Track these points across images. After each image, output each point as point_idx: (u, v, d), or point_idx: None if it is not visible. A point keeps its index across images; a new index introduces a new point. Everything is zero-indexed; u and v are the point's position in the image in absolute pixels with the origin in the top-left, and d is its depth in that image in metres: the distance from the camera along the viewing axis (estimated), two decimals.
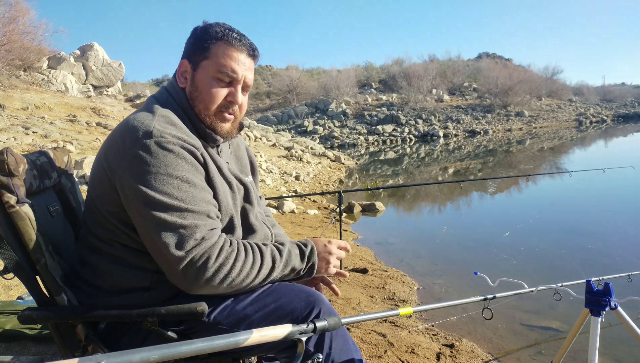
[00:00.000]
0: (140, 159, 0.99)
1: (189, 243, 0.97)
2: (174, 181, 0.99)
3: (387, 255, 4.51)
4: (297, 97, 32.14)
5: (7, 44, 12.91)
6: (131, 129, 1.03)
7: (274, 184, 8.92)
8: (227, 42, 1.14)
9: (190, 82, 1.16)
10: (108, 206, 1.06)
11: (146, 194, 0.97)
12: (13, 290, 2.77)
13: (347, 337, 1.08)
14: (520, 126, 28.78)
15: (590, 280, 1.38)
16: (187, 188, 1.01)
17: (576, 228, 5.33)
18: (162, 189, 0.98)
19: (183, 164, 1.02)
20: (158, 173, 0.98)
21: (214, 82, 1.14)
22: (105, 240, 1.09)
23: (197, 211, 1.01)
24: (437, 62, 38.39)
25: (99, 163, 1.09)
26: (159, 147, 1.00)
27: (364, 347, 2.34)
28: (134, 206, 0.99)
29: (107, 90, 17.70)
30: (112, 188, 1.04)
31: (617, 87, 52.43)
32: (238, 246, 1.05)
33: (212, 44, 1.14)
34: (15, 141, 7.17)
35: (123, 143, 1.02)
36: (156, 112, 1.08)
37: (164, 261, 0.98)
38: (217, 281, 0.99)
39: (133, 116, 1.08)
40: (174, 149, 1.01)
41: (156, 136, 1.01)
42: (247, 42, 1.17)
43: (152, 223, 0.97)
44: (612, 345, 2.45)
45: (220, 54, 1.13)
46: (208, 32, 1.15)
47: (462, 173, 11.47)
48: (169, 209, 0.98)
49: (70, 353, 1.08)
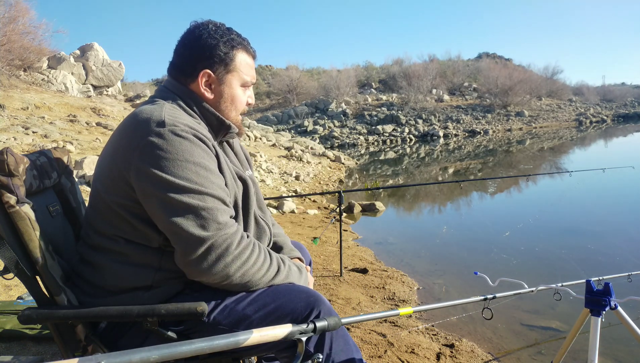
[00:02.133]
0: (155, 146, 0.99)
1: (212, 226, 0.99)
2: (191, 166, 1.01)
3: (387, 255, 4.51)
4: (297, 97, 32.13)
5: (7, 44, 12.91)
6: (142, 120, 1.04)
7: (274, 184, 8.92)
8: (245, 51, 1.21)
9: (218, 94, 1.19)
10: (117, 198, 1.05)
11: (165, 179, 0.98)
12: (13, 290, 2.77)
13: (348, 337, 1.08)
14: (520, 126, 28.78)
15: (590, 280, 1.38)
16: (205, 173, 1.03)
17: (576, 228, 5.33)
18: (180, 174, 0.99)
19: (198, 151, 1.03)
20: (176, 159, 0.99)
21: (240, 91, 1.23)
22: (109, 236, 1.09)
23: (216, 196, 1.03)
24: (437, 62, 38.37)
25: (108, 156, 1.09)
26: (173, 134, 1.01)
27: (364, 347, 2.34)
28: (152, 192, 0.99)
29: (107, 90, 17.69)
30: (123, 180, 1.03)
31: (617, 87, 52.39)
32: (253, 240, 1.10)
33: (234, 55, 1.18)
34: (15, 141, 7.17)
35: (134, 133, 1.03)
36: (163, 106, 1.09)
37: (183, 244, 0.99)
38: (234, 268, 1.02)
39: (140, 109, 1.09)
40: (188, 136, 1.02)
41: (169, 124, 1.02)
42: (252, 47, 1.25)
43: (172, 207, 0.98)
44: (612, 345, 2.45)
45: (244, 65, 1.21)
46: (228, 41, 1.17)
47: (462, 173, 11.47)
48: (190, 192, 0.99)
49: (70, 353, 1.08)
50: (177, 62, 1.20)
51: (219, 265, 1.00)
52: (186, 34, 1.19)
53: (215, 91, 1.19)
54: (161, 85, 1.24)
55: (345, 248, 4.25)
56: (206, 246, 0.98)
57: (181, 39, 1.19)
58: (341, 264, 3.61)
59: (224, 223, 1.02)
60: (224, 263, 1.00)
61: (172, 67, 1.21)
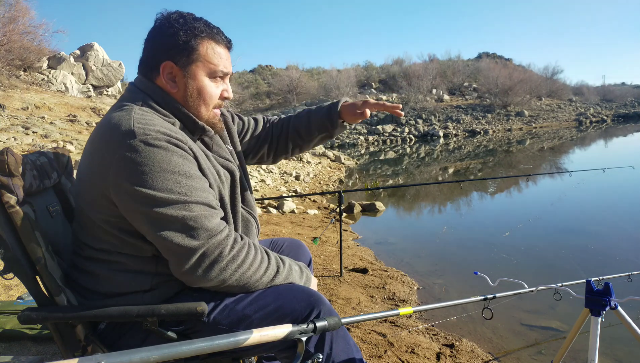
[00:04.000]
0: (129, 160, 0.95)
1: (202, 234, 0.98)
2: (170, 176, 0.97)
3: (387, 254, 4.51)
4: (297, 97, 32.11)
5: (7, 44, 12.91)
6: (111, 133, 0.98)
7: (274, 184, 8.92)
8: (211, 39, 1.12)
9: (183, 87, 1.11)
10: (102, 215, 1.03)
11: (145, 194, 0.95)
12: (13, 290, 2.77)
13: (348, 337, 1.08)
14: (520, 125, 28.77)
15: (590, 280, 1.37)
16: (185, 180, 0.99)
17: (576, 228, 5.33)
18: (160, 186, 0.95)
19: (175, 158, 0.99)
20: (152, 171, 0.95)
21: (209, 84, 1.13)
22: (100, 249, 1.07)
23: (201, 202, 1.00)
24: (437, 62, 38.34)
25: (85, 172, 1.05)
26: (145, 145, 0.95)
27: (364, 346, 2.34)
28: (134, 208, 0.97)
29: (107, 90, 17.69)
30: (104, 197, 0.99)
31: (617, 87, 52.37)
32: (248, 241, 1.08)
33: (197, 43, 1.09)
34: (15, 141, 7.17)
35: (107, 148, 0.98)
36: (131, 112, 1.02)
37: (175, 256, 0.98)
38: (229, 272, 1.01)
39: (108, 119, 1.04)
40: (161, 144, 0.97)
41: (140, 134, 0.96)
42: (223, 35, 1.16)
43: (158, 221, 0.96)
44: (612, 345, 2.45)
45: (210, 54, 1.11)
46: (189, 29, 1.09)
47: (462, 173, 11.46)
48: (173, 203, 0.96)
49: (70, 353, 1.08)
50: (142, 57, 1.14)
51: (213, 271, 0.99)
52: (151, 29, 1.13)
53: (180, 83, 1.11)
54: (131, 83, 1.17)
55: (345, 248, 4.25)
56: (198, 254, 0.97)
57: (147, 35, 1.13)
58: (341, 264, 3.61)
59: (213, 228, 0.99)
60: (219, 268, 0.99)
61: (139, 63, 1.15)
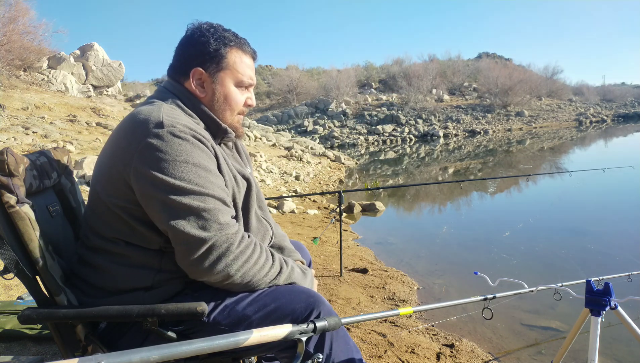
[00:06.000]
0: (154, 148, 0.99)
1: (213, 227, 1.00)
2: (191, 168, 1.01)
3: (387, 254, 4.51)
4: (297, 97, 32.13)
5: (7, 44, 12.92)
6: (140, 122, 1.03)
7: (274, 184, 8.92)
8: (239, 49, 1.20)
9: (210, 92, 1.19)
10: (117, 200, 1.05)
11: (165, 181, 0.98)
12: (13, 290, 2.77)
13: (348, 337, 1.08)
14: (520, 125, 28.78)
15: (590, 280, 1.38)
16: (205, 174, 1.03)
17: (576, 228, 5.33)
18: (180, 175, 0.99)
19: (198, 152, 1.03)
20: (175, 161, 0.99)
21: (235, 91, 1.21)
22: (108, 238, 1.08)
23: (217, 197, 1.03)
24: (437, 62, 38.38)
25: (106, 158, 1.09)
26: (172, 135, 1.00)
27: (364, 347, 2.34)
28: (152, 194, 0.99)
29: (107, 90, 17.70)
30: (123, 182, 1.03)
31: (617, 87, 52.41)
32: (254, 240, 1.10)
33: (226, 52, 1.18)
34: (15, 141, 7.17)
35: (133, 135, 1.02)
36: (161, 106, 1.09)
37: (185, 245, 0.99)
38: (235, 268, 1.02)
39: (137, 111, 1.09)
40: (187, 137, 1.02)
41: (167, 125, 1.01)
42: (250, 46, 1.25)
43: (173, 209, 0.98)
44: (612, 345, 2.45)
45: (238, 63, 1.20)
46: (220, 38, 1.17)
47: (462, 173, 11.46)
48: (190, 194, 0.99)
49: (70, 353, 1.08)
50: (173, 63, 1.22)
51: (220, 265, 1.00)
52: (183, 37, 1.22)
53: (208, 89, 1.19)
54: (160, 85, 1.24)
55: (345, 248, 4.25)
56: (207, 246, 0.99)
57: (179, 42, 1.23)
58: (341, 264, 3.61)
59: (225, 223, 1.02)
60: (225, 262, 1.01)
61: (169, 68, 1.24)
